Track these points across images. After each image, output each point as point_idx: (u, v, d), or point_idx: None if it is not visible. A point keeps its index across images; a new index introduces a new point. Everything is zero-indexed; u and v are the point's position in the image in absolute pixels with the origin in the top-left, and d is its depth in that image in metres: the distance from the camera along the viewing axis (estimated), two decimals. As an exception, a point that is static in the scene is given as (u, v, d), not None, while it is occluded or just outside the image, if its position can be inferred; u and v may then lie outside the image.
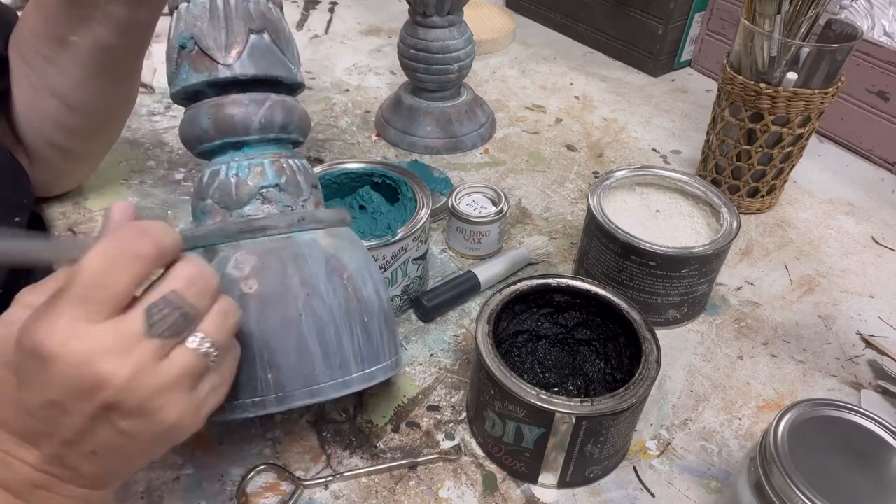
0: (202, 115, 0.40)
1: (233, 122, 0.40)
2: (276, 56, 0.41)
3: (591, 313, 0.52)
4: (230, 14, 0.40)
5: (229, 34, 0.40)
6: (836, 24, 0.65)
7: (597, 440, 0.43)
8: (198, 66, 0.40)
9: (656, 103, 0.92)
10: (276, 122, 0.41)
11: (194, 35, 0.39)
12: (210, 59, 0.39)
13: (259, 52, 0.40)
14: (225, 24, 0.40)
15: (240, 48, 0.40)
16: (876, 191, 0.78)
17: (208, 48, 0.39)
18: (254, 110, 0.40)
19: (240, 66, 0.40)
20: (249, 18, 0.40)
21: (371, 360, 0.40)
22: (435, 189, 0.68)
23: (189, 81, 0.40)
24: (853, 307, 0.62)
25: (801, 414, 0.38)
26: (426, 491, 0.46)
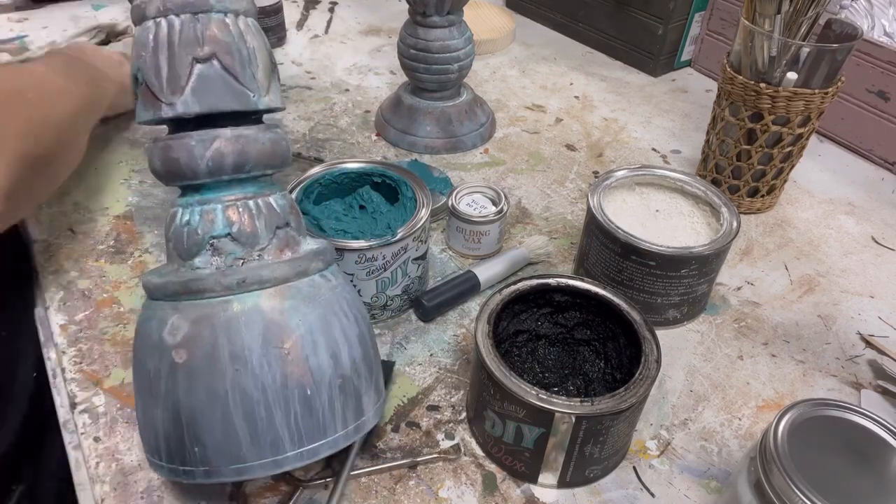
0: (154, 156, 0.38)
1: (178, 165, 0.37)
2: (228, 86, 0.37)
3: (590, 313, 0.52)
4: (174, 41, 0.36)
5: (171, 66, 0.36)
6: (836, 23, 0.65)
7: (597, 440, 0.43)
8: (146, 103, 0.37)
9: (656, 103, 0.92)
10: (225, 163, 0.37)
11: (140, 67, 0.36)
12: (153, 97, 0.36)
13: (207, 83, 0.36)
14: (167, 53, 0.36)
15: (182, 82, 0.36)
16: (876, 191, 0.78)
17: (152, 84, 0.36)
18: (199, 152, 0.36)
19: (182, 105, 0.36)
20: (195, 45, 0.36)
21: (312, 436, 0.36)
22: (435, 189, 0.68)
23: (143, 118, 0.38)
24: (853, 307, 0.62)
25: (801, 414, 0.38)
26: (426, 491, 0.46)
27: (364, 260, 0.52)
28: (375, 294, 0.55)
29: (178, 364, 0.35)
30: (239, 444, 0.35)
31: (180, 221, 0.38)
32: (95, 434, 0.48)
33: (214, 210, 0.37)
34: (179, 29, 0.36)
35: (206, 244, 0.37)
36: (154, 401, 0.36)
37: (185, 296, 0.36)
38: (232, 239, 0.37)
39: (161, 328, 0.36)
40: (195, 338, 0.35)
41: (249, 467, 0.36)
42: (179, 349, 0.35)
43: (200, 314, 0.36)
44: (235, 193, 0.38)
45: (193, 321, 0.35)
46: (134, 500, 0.44)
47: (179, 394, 0.35)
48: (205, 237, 0.37)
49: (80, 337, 0.54)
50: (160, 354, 0.35)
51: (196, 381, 0.35)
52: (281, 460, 0.36)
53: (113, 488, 0.45)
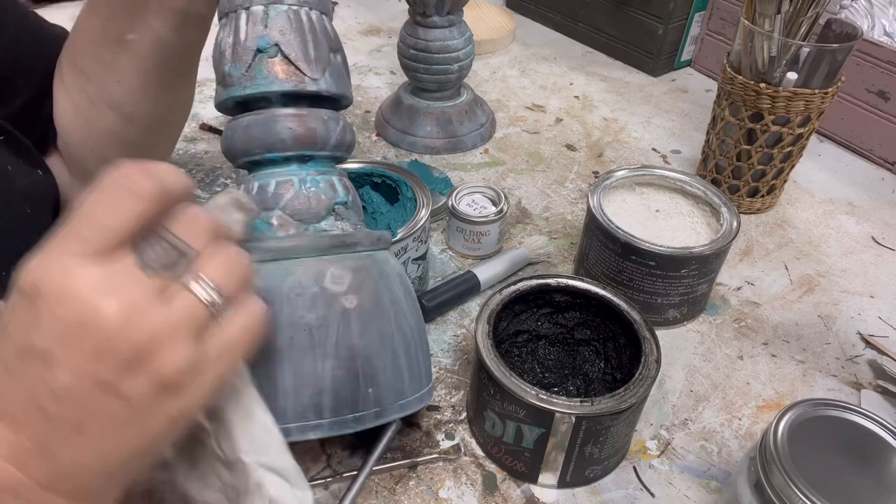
0: (281, 125, 0.39)
1: (314, 136, 0.40)
2: (343, 77, 0.42)
3: (590, 313, 0.52)
4: (314, 29, 0.40)
5: (316, 49, 0.40)
6: (836, 23, 0.65)
7: (597, 440, 0.43)
8: (280, 75, 0.39)
9: (656, 103, 0.92)
10: (345, 141, 0.42)
11: (280, 42, 0.39)
12: (296, 70, 0.39)
13: (337, 71, 0.41)
14: (312, 38, 0.40)
15: (324, 64, 0.40)
16: (876, 191, 0.78)
17: (296, 59, 0.39)
18: (333, 127, 0.41)
19: (325, 82, 0.40)
20: (329, 38, 0.41)
21: (429, 376, 0.42)
22: (435, 189, 0.68)
23: (268, 87, 0.39)
24: (853, 307, 0.62)
25: (801, 414, 0.38)
26: (426, 491, 0.46)
27: (364, 260, 0.52)
28: (376, 294, 0.55)
29: (349, 309, 0.37)
30: (403, 380, 0.39)
31: (300, 187, 0.40)
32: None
33: (332, 180, 0.41)
34: (316, 21, 0.40)
35: (331, 209, 0.40)
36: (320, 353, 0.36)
37: (339, 248, 0.38)
38: (347, 207, 0.41)
39: (319, 279, 0.37)
40: (361, 284, 0.38)
41: (409, 402, 0.39)
42: (349, 295, 0.37)
43: (358, 264, 0.38)
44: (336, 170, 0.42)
45: (354, 270, 0.38)
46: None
47: (353, 338, 0.37)
48: (331, 202, 0.40)
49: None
50: (326, 303, 0.36)
51: (369, 323, 0.37)
52: (423, 395, 0.40)
53: (113, 488, 0.45)
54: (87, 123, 0.54)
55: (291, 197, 0.40)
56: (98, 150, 0.55)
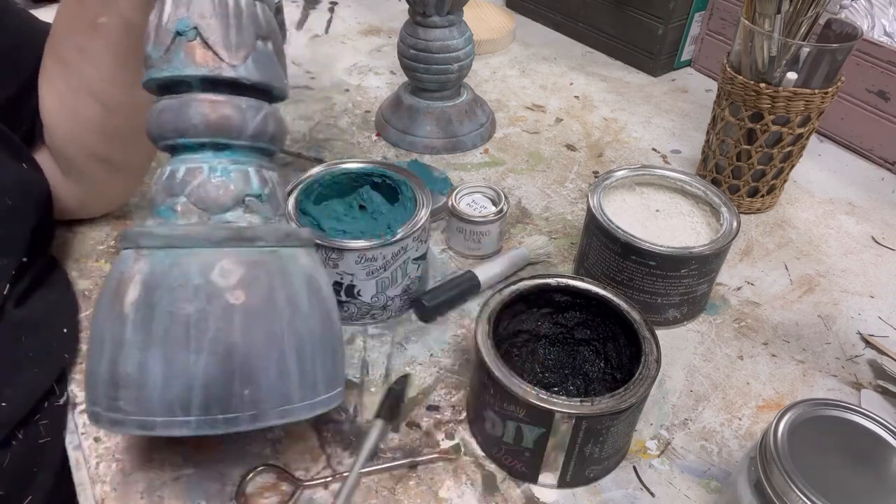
0: (192, 110, 0.39)
1: (228, 124, 0.39)
2: (274, 66, 0.41)
3: (590, 313, 0.52)
4: (240, 14, 0.39)
5: (239, 34, 0.39)
6: (835, 23, 0.65)
7: (597, 440, 0.43)
8: (197, 59, 0.38)
9: (656, 103, 0.92)
10: (267, 131, 0.40)
11: (199, 25, 0.38)
12: (214, 55, 0.38)
13: (263, 59, 0.40)
14: (235, 22, 0.39)
15: (247, 51, 0.39)
16: (876, 191, 0.78)
17: (214, 43, 0.38)
18: (251, 116, 0.39)
19: (244, 69, 0.39)
20: (258, 24, 0.39)
21: (334, 383, 0.40)
22: (435, 189, 0.68)
23: (183, 72, 0.38)
24: (853, 307, 0.62)
25: (801, 414, 0.38)
26: (426, 491, 0.46)
27: (364, 260, 0.52)
28: (375, 294, 0.55)
29: (234, 305, 0.35)
30: (289, 385, 0.37)
31: (209, 175, 0.39)
32: (95, 434, 0.48)
33: (247, 171, 0.40)
34: (244, 5, 0.39)
35: (241, 201, 0.39)
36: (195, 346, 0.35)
37: (233, 242, 0.37)
38: (261, 200, 0.40)
39: (206, 272, 0.36)
40: (253, 280, 0.36)
41: (293, 409, 0.37)
42: (235, 290, 0.36)
43: (253, 260, 0.37)
44: (259, 161, 0.41)
45: (248, 265, 0.37)
46: (134, 500, 0.44)
47: (234, 335, 0.35)
48: (240, 193, 0.39)
49: (80, 337, 0.54)
50: (207, 297, 0.35)
51: (255, 321, 0.36)
52: (316, 403, 0.38)
53: (113, 488, 0.45)
54: (70, 114, 0.54)
55: (197, 184, 0.38)
56: (83, 142, 0.56)
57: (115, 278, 0.37)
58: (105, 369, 0.35)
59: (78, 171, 0.58)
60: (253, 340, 0.35)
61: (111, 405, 0.35)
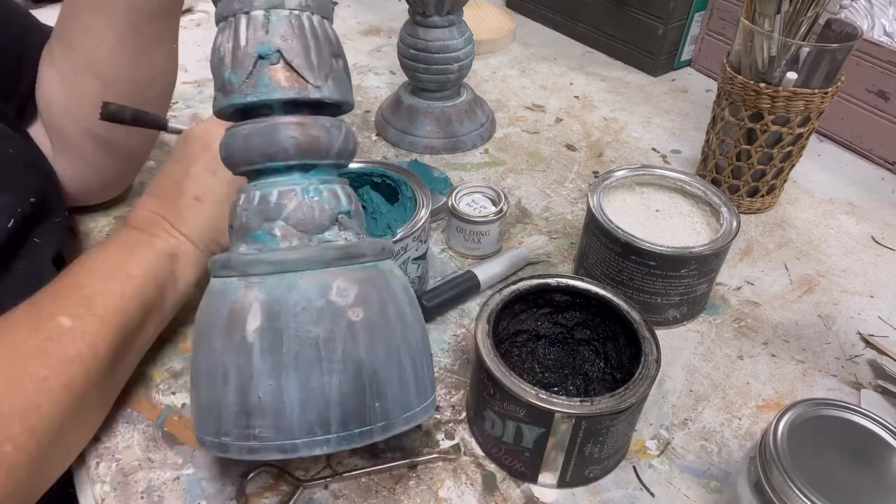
0: (282, 134, 0.39)
1: (318, 144, 0.39)
2: (346, 83, 0.41)
3: (590, 313, 0.52)
4: (318, 35, 0.39)
5: (320, 55, 0.39)
6: (835, 23, 0.65)
7: (596, 440, 0.43)
8: (283, 82, 0.38)
9: (656, 103, 0.92)
10: (348, 148, 0.41)
11: (281, 49, 0.38)
12: (299, 77, 0.39)
13: (339, 77, 0.40)
14: (314, 44, 0.39)
15: (327, 70, 0.39)
16: (876, 191, 0.78)
17: (299, 66, 0.38)
18: (336, 135, 0.40)
19: (327, 89, 0.39)
20: (331, 43, 0.40)
21: (433, 386, 0.41)
22: (435, 189, 0.68)
23: (270, 95, 0.38)
24: (853, 307, 0.62)
25: (801, 414, 0.38)
26: (426, 491, 0.46)
27: (364, 260, 0.52)
28: (376, 294, 0.55)
29: (355, 322, 0.36)
30: (409, 392, 0.38)
31: (304, 197, 0.39)
32: (95, 434, 0.48)
33: (336, 189, 0.40)
34: (317, 26, 0.39)
35: (336, 219, 0.40)
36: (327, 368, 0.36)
37: (344, 260, 0.38)
38: (350, 216, 0.40)
39: (325, 292, 0.37)
40: (367, 296, 0.37)
41: (414, 414, 0.38)
42: (355, 308, 0.37)
43: (361, 276, 0.38)
44: (338, 178, 0.42)
45: (360, 282, 0.37)
46: (134, 500, 0.44)
47: (360, 351, 0.36)
48: (334, 212, 0.39)
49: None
50: (332, 317, 0.36)
51: (376, 335, 0.37)
52: (428, 406, 0.39)
53: (113, 488, 0.45)
54: (69, 91, 0.56)
55: (294, 207, 0.39)
56: (79, 119, 0.57)
57: (227, 307, 0.37)
58: (233, 400, 0.36)
59: (72, 147, 0.59)
60: (377, 354, 0.37)
61: (243, 434, 0.36)
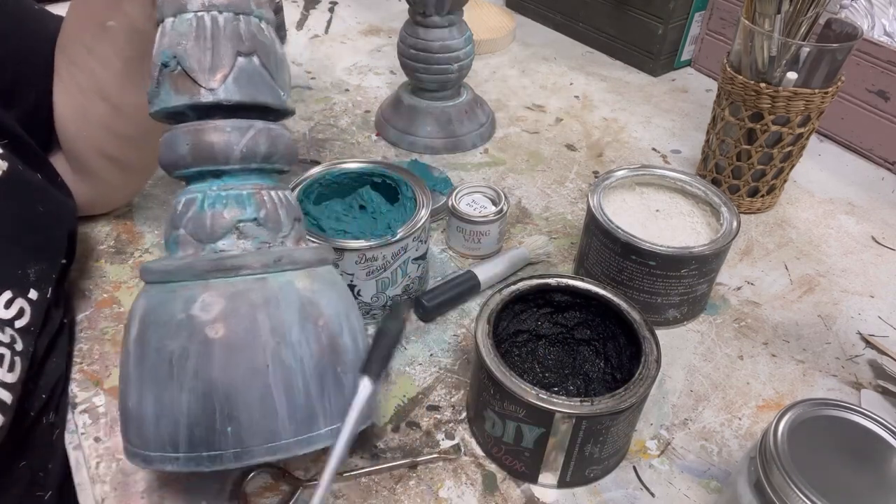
0: (180, 141, 0.38)
1: (212, 150, 0.38)
2: (264, 81, 0.39)
3: (590, 313, 0.52)
4: (217, 34, 0.37)
5: (215, 55, 0.37)
6: (835, 23, 0.65)
7: (597, 440, 0.43)
8: (179, 88, 0.37)
9: (656, 103, 0.92)
10: (259, 151, 0.39)
11: (178, 54, 0.37)
12: (192, 82, 0.37)
13: (246, 76, 0.38)
14: (211, 44, 0.37)
15: (225, 71, 0.37)
16: (876, 190, 0.78)
17: (191, 69, 0.37)
18: (236, 138, 0.38)
19: (223, 91, 0.37)
20: (238, 39, 0.38)
21: (340, 414, 0.37)
22: (435, 189, 0.68)
23: (169, 103, 0.38)
24: (853, 307, 0.62)
25: (801, 414, 0.38)
26: (426, 491, 0.46)
27: (364, 260, 0.52)
28: (375, 294, 0.55)
29: (213, 339, 0.34)
30: (276, 421, 0.35)
31: (201, 206, 0.38)
32: (96, 434, 0.48)
33: (241, 196, 0.38)
34: (223, 24, 0.38)
35: (233, 228, 0.38)
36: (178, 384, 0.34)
37: (216, 273, 0.36)
38: (258, 224, 0.38)
39: (188, 306, 0.35)
40: (233, 312, 0.35)
41: (284, 445, 0.35)
42: (215, 324, 0.35)
43: (236, 290, 0.36)
44: (258, 183, 0.39)
45: (229, 297, 0.35)
46: (134, 500, 0.44)
47: (214, 371, 0.34)
48: (232, 220, 0.38)
49: (80, 337, 0.54)
50: (189, 332, 0.35)
51: (235, 355, 0.35)
52: (314, 437, 0.36)
53: (113, 488, 0.45)
54: (80, 114, 0.55)
55: (192, 215, 0.38)
56: (92, 141, 0.56)
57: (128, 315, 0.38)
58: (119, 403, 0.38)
59: (87, 169, 0.58)
60: (233, 376, 0.34)
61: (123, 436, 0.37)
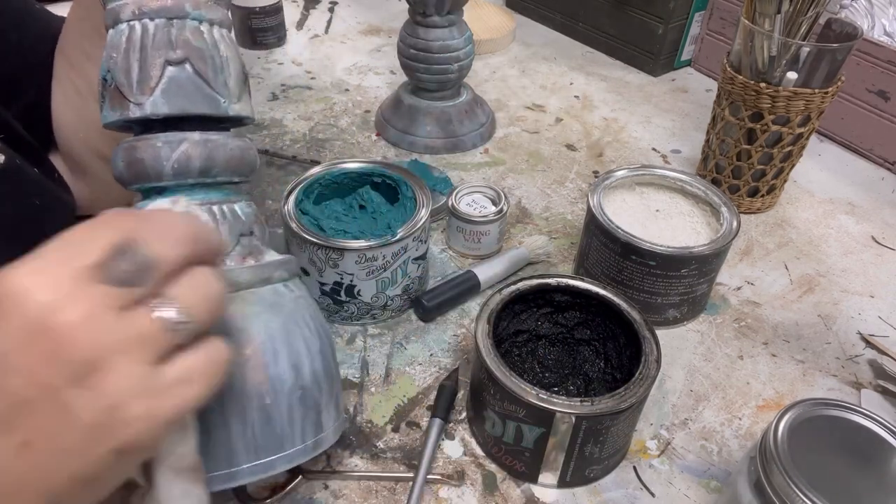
0: (117, 157, 0.37)
1: (143, 166, 0.36)
2: (199, 90, 0.36)
3: (590, 313, 0.52)
4: (147, 44, 0.36)
5: (142, 68, 0.35)
6: (836, 23, 0.65)
7: (597, 440, 0.43)
8: (114, 104, 0.36)
9: (656, 103, 0.92)
10: (192, 166, 0.36)
11: (110, 68, 0.36)
12: (122, 97, 0.36)
13: (177, 86, 0.36)
14: (139, 55, 0.35)
15: (153, 83, 0.35)
16: (876, 190, 0.78)
17: (121, 84, 0.36)
18: (166, 154, 0.36)
19: (151, 105, 0.35)
20: (168, 48, 0.36)
21: (269, 449, 0.35)
22: (435, 189, 0.68)
23: (107, 119, 0.37)
24: (853, 307, 0.62)
25: (801, 413, 0.38)
26: (426, 491, 0.46)
27: (364, 260, 0.52)
28: (375, 294, 0.55)
29: None
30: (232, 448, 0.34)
31: None
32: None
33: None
34: (153, 32, 0.36)
35: None
36: None
37: None
38: None
39: None
40: None
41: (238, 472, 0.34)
42: None
43: None
44: (200, 198, 0.37)
45: None
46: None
47: None
48: None
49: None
50: None
51: None
52: (235, 473, 0.34)
53: (113, 488, 0.45)
54: (77, 114, 0.55)
55: None
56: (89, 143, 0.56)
57: None
58: None
59: (84, 170, 0.58)
60: None
61: None
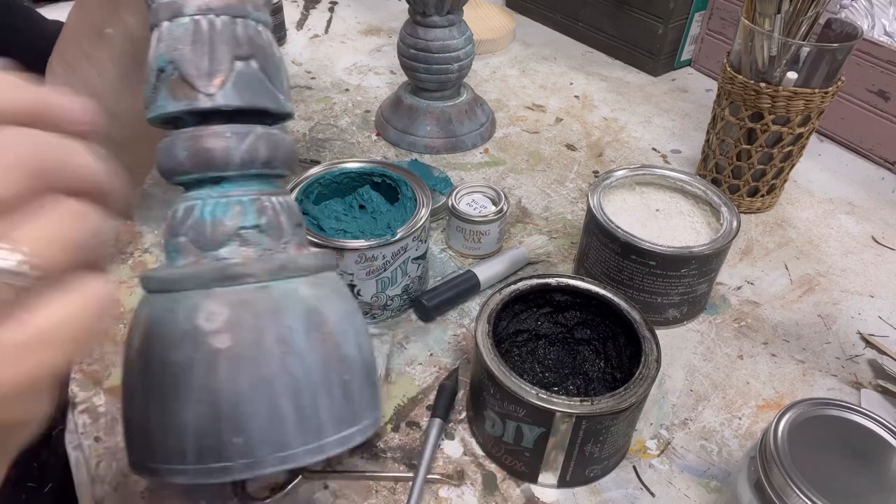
0: (178, 147, 0.37)
1: (211, 156, 0.37)
2: (263, 85, 0.38)
3: (590, 313, 0.52)
4: (215, 38, 0.36)
5: (213, 60, 0.36)
6: (836, 23, 0.65)
7: (597, 440, 0.43)
8: (177, 94, 0.37)
9: (656, 103, 0.92)
10: (259, 157, 0.38)
11: (174, 59, 0.36)
12: (190, 87, 0.36)
13: (245, 80, 0.37)
14: (209, 48, 0.36)
15: (223, 76, 0.36)
16: (876, 190, 0.78)
17: (189, 75, 0.36)
18: (235, 144, 0.37)
19: (222, 97, 0.36)
20: (236, 44, 0.37)
21: (348, 422, 0.36)
22: (435, 188, 0.68)
23: (167, 109, 0.37)
24: (853, 306, 0.62)
25: (801, 413, 0.38)
26: (426, 490, 0.46)
27: (364, 260, 0.52)
28: (375, 294, 0.55)
29: (219, 350, 0.34)
30: (285, 430, 0.34)
31: (201, 213, 0.37)
32: (96, 434, 0.48)
33: (242, 202, 0.38)
34: (220, 28, 0.37)
35: (235, 235, 0.37)
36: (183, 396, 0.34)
37: (220, 282, 0.35)
38: (260, 231, 0.37)
39: (193, 316, 0.34)
40: (238, 322, 0.34)
41: (294, 455, 0.35)
42: (221, 334, 0.34)
43: (240, 299, 0.35)
44: (258, 189, 0.39)
45: (234, 306, 0.35)
46: (134, 499, 0.44)
47: (220, 382, 0.34)
48: (233, 227, 0.37)
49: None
50: (194, 343, 0.34)
51: (241, 365, 0.34)
52: (325, 445, 0.35)
53: (113, 488, 0.45)
54: None
55: (192, 223, 0.37)
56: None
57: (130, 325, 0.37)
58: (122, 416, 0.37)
59: None
60: (239, 386, 0.34)
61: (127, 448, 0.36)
